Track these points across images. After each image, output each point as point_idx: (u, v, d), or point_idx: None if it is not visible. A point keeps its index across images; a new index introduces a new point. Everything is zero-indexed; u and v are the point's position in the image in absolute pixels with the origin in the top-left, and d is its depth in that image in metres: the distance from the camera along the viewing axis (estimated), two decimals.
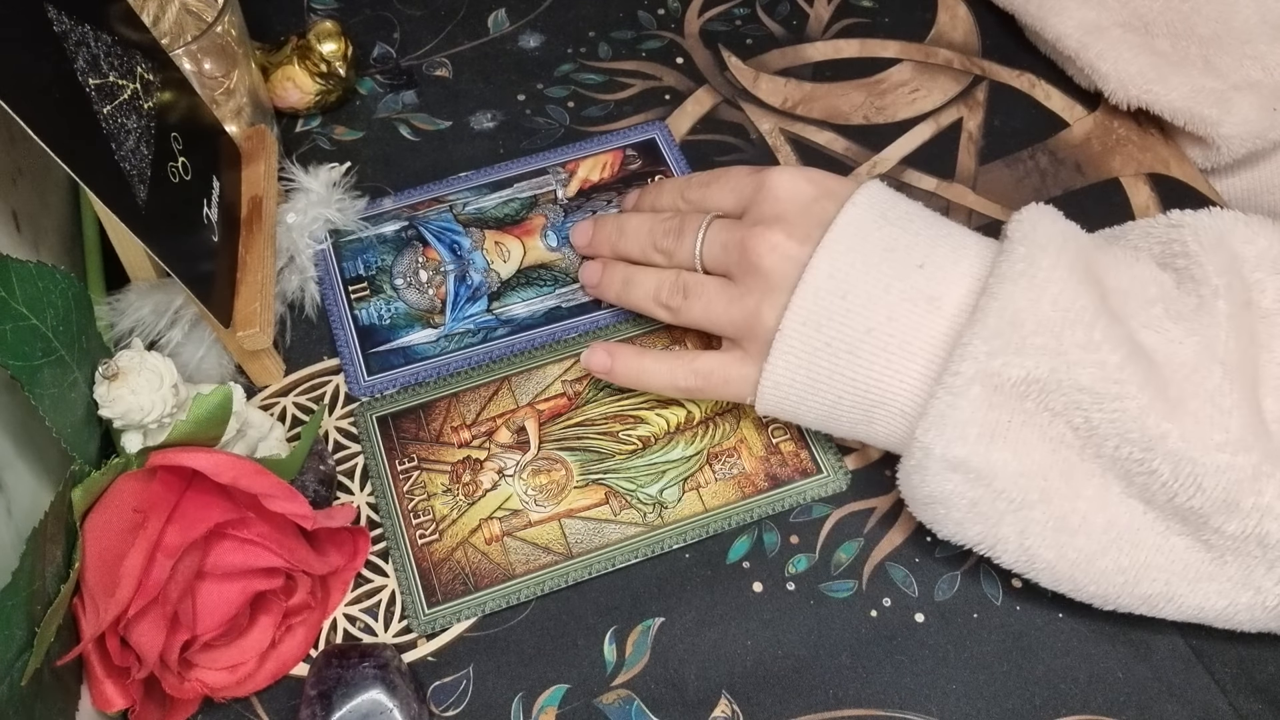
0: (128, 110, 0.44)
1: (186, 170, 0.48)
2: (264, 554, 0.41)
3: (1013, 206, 0.58)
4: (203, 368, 0.51)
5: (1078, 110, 0.63)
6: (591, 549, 0.47)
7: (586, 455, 0.50)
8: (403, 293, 0.55)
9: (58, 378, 0.41)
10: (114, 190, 0.42)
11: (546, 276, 0.56)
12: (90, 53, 0.42)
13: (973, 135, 0.62)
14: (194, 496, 0.41)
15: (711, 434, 0.51)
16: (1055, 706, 0.44)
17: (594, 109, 0.63)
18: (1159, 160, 0.60)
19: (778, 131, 0.62)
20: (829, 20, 0.67)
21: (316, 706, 0.41)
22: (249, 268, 0.50)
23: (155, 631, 0.39)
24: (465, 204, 0.59)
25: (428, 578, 0.47)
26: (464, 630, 0.46)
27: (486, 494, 0.49)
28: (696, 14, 0.67)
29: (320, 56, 0.60)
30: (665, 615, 0.46)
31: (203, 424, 0.42)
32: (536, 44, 0.66)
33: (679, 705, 0.44)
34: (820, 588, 0.47)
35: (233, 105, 0.57)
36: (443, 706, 0.44)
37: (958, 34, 0.66)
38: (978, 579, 0.47)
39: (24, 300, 0.40)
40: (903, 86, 0.64)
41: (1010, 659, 0.45)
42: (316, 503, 0.47)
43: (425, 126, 0.62)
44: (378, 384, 0.52)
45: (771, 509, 0.48)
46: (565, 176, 0.60)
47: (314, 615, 0.45)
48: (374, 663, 0.42)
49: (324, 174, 0.56)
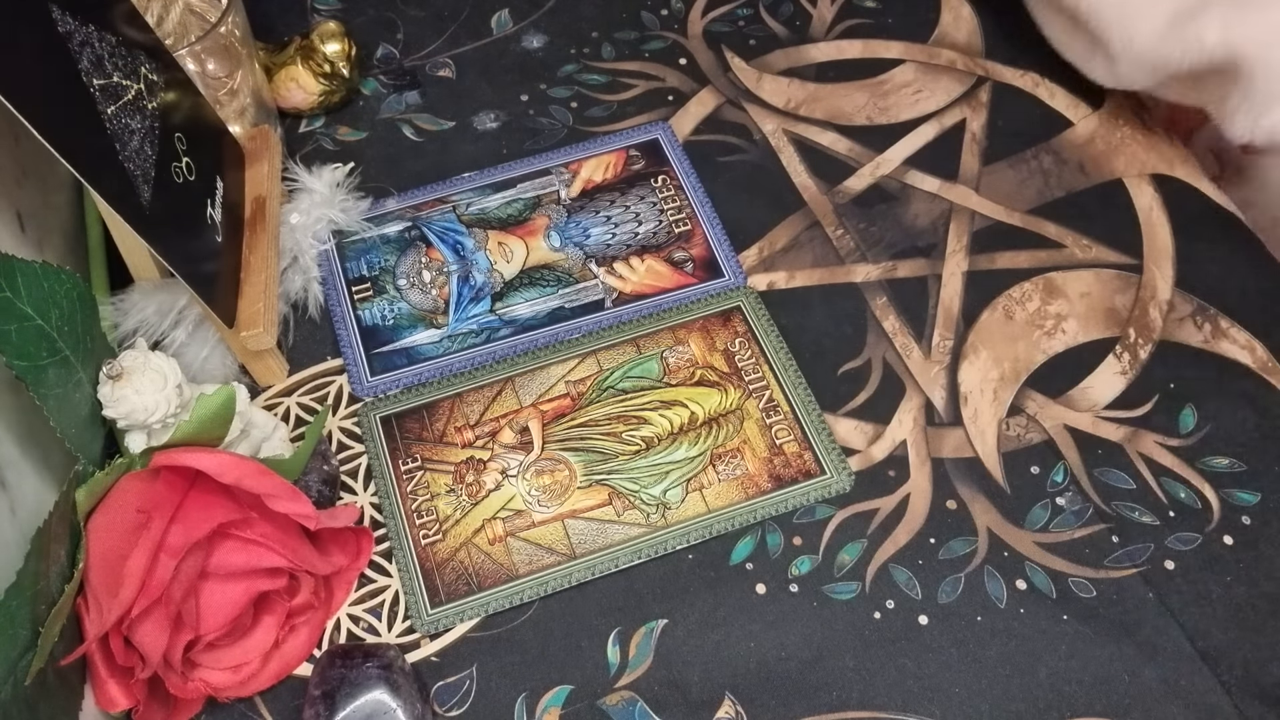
0: (132, 111, 0.44)
1: (190, 171, 0.48)
2: (267, 554, 0.41)
3: (1016, 207, 0.59)
4: (206, 368, 0.51)
5: (1082, 109, 0.62)
6: (595, 550, 0.47)
7: (590, 456, 0.50)
8: (406, 293, 0.55)
9: (62, 378, 0.41)
10: (118, 191, 0.42)
11: (550, 277, 0.56)
12: (94, 53, 0.42)
13: (976, 136, 0.62)
14: (197, 497, 0.41)
15: (715, 435, 0.51)
16: (1060, 709, 0.44)
17: (597, 109, 0.63)
18: (1163, 160, 0.60)
19: (781, 132, 0.62)
20: (832, 21, 0.67)
21: (320, 706, 0.41)
22: (252, 268, 0.51)
23: (159, 631, 0.39)
24: (468, 204, 0.59)
25: (431, 578, 0.47)
26: (467, 630, 0.46)
27: (490, 494, 0.49)
28: (700, 15, 0.67)
29: (324, 57, 0.60)
30: (668, 616, 0.46)
31: (206, 424, 0.42)
32: (540, 44, 0.66)
33: (682, 706, 0.44)
34: (824, 589, 0.47)
35: (236, 106, 0.57)
36: (446, 707, 0.44)
37: (961, 34, 0.66)
38: (982, 581, 0.47)
39: (29, 300, 0.40)
40: (906, 87, 0.64)
41: (1014, 662, 0.45)
42: (320, 503, 0.47)
43: (428, 127, 0.62)
44: (381, 384, 0.52)
45: (775, 510, 0.48)
46: (568, 177, 0.60)
47: (317, 615, 0.45)
48: (377, 663, 0.42)
49: (327, 174, 0.56)
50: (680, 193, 0.59)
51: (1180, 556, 0.48)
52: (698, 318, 0.54)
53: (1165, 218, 0.58)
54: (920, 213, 0.58)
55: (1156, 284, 0.56)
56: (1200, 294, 0.55)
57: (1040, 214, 0.58)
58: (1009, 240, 0.57)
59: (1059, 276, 0.56)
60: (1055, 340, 0.54)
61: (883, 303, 0.55)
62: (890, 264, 0.57)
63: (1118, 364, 0.53)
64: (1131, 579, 0.47)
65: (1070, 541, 0.48)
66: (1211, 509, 0.49)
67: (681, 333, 0.54)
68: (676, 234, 0.57)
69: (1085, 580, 0.47)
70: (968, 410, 0.52)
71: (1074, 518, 0.49)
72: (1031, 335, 0.54)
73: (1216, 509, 0.49)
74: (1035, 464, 0.50)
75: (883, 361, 0.54)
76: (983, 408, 0.52)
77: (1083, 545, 0.48)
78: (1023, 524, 0.49)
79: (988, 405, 0.52)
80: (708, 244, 0.57)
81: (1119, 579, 0.47)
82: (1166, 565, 0.47)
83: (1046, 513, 0.49)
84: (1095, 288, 0.56)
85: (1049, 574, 0.47)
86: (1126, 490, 0.49)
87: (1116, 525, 0.49)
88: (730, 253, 0.57)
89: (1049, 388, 0.52)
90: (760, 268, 0.57)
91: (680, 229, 0.58)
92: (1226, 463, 0.50)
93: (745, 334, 0.54)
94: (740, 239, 0.57)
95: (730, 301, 0.55)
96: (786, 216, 0.58)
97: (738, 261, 0.56)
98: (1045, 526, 0.49)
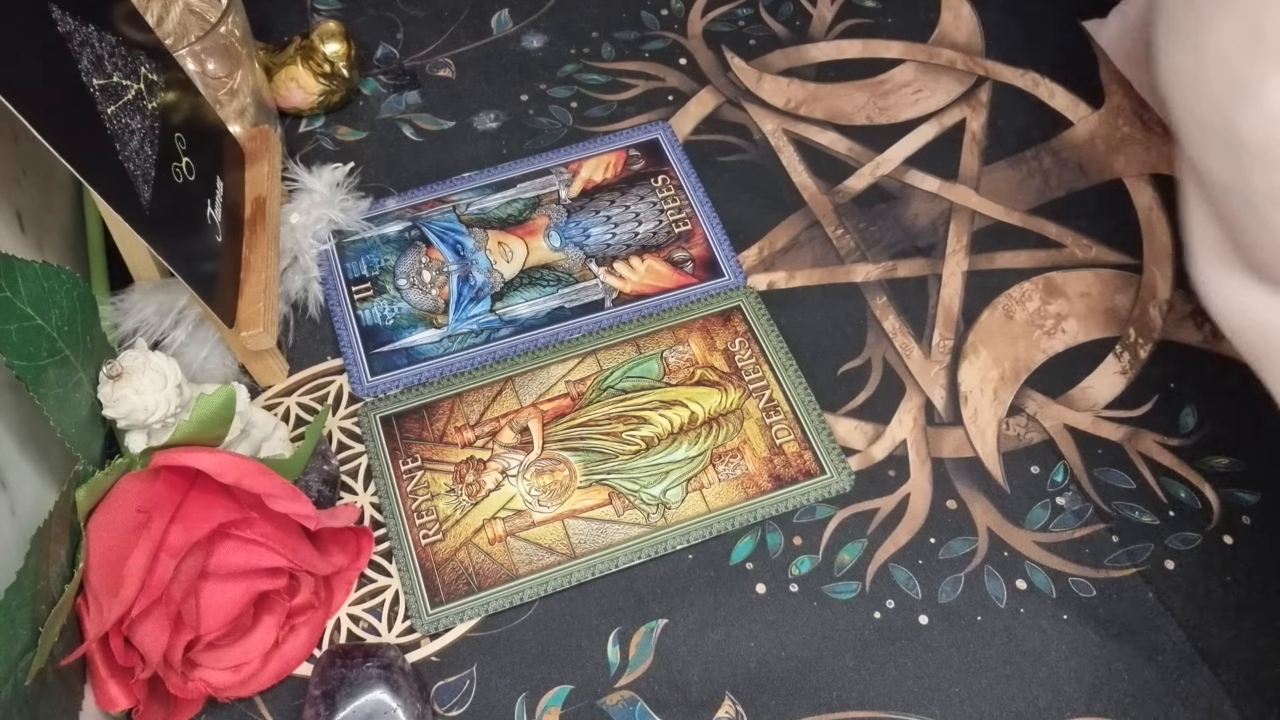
0: (132, 111, 0.44)
1: (190, 171, 0.48)
2: (267, 554, 0.41)
3: (1016, 207, 0.59)
4: (206, 368, 0.51)
5: (1082, 108, 0.63)
6: (595, 549, 0.47)
7: (590, 455, 0.50)
8: (406, 293, 0.55)
9: (62, 378, 0.41)
10: (118, 190, 0.42)
11: (550, 277, 0.56)
12: (94, 53, 0.42)
13: (976, 136, 0.62)
14: (197, 496, 0.41)
15: (715, 435, 0.51)
16: (1060, 709, 0.44)
17: (597, 109, 0.63)
18: (1163, 160, 0.60)
19: (780, 132, 0.62)
20: (832, 21, 0.67)
21: (320, 706, 0.41)
22: (252, 268, 0.50)
23: (159, 631, 0.39)
24: (468, 204, 0.59)
25: (431, 578, 0.47)
26: (467, 630, 0.46)
27: (490, 494, 0.49)
28: (699, 14, 0.67)
29: (324, 57, 0.60)
30: (668, 616, 0.46)
31: (206, 424, 0.42)
32: (539, 44, 0.66)
33: (682, 706, 0.44)
34: (824, 589, 0.47)
35: (236, 106, 0.57)
36: (446, 706, 0.44)
37: (961, 34, 0.66)
38: (982, 581, 0.47)
39: (29, 300, 0.40)
40: (906, 87, 0.64)
41: (1014, 662, 0.45)
42: (320, 503, 0.47)
43: (428, 127, 0.62)
44: (381, 384, 0.52)
45: (775, 510, 0.48)
46: (568, 177, 0.60)
47: (317, 615, 0.45)
48: (378, 663, 0.42)
49: (327, 174, 0.56)
50: (680, 192, 0.59)
51: (1180, 556, 0.48)
52: (698, 317, 0.54)
53: (1165, 217, 0.58)
54: (920, 212, 0.58)
55: (1156, 284, 0.56)
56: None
57: (1040, 214, 0.58)
58: (1009, 240, 0.57)
59: (1059, 276, 0.56)
60: (1055, 340, 0.54)
61: (883, 302, 0.55)
62: (890, 264, 0.57)
63: (1118, 364, 0.53)
64: (1131, 579, 0.47)
65: (1070, 541, 0.48)
66: (1211, 508, 0.49)
67: (681, 332, 0.54)
68: (676, 234, 0.57)
69: (1085, 580, 0.47)
70: (968, 410, 0.52)
71: (1074, 517, 0.49)
72: (1031, 335, 0.54)
73: (1216, 508, 0.49)
74: (1035, 464, 0.50)
75: (883, 361, 0.54)
76: (983, 407, 0.52)
77: (1083, 545, 0.48)
78: (1023, 524, 0.49)
79: (988, 405, 0.52)
80: (708, 244, 0.57)
81: (1119, 579, 0.47)
82: (1166, 565, 0.47)
83: (1046, 512, 0.49)
84: (1095, 287, 0.56)
85: (1049, 574, 0.47)
86: (1126, 490, 0.49)
87: (1116, 525, 0.49)
88: (730, 252, 0.57)
89: (1049, 387, 0.52)
90: (760, 267, 0.57)
91: (680, 229, 0.58)
92: (1226, 462, 0.50)
93: (745, 334, 0.54)
94: (740, 239, 0.57)
95: (730, 301, 0.55)
96: (786, 216, 0.58)
97: (738, 261, 0.56)
98: (1045, 526, 0.49)
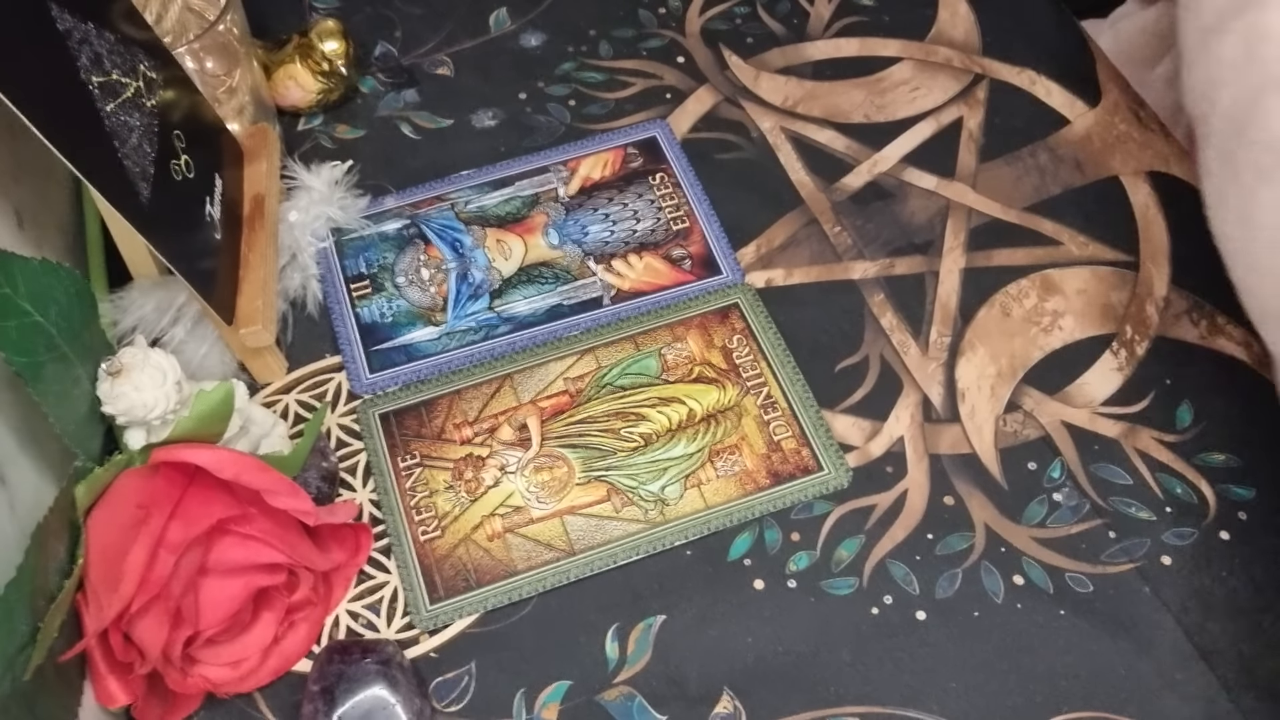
0: (130, 108, 0.44)
1: (189, 168, 0.48)
2: (266, 550, 0.41)
3: (1013, 205, 0.59)
4: (205, 365, 0.51)
5: (1078, 106, 0.63)
6: (593, 546, 0.48)
7: (588, 452, 0.50)
8: (404, 290, 0.55)
9: (61, 374, 0.41)
10: (117, 188, 0.42)
11: (548, 274, 0.56)
12: (93, 51, 0.42)
13: (973, 133, 0.62)
14: (196, 493, 0.41)
15: (713, 431, 0.51)
16: (1057, 703, 0.44)
17: (595, 107, 0.63)
18: (1159, 158, 0.60)
19: (778, 130, 0.62)
20: (829, 19, 0.67)
21: (319, 702, 0.41)
22: (251, 265, 0.51)
23: (158, 627, 0.39)
24: (467, 202, 0.59)
25: (430, 574, 0.47)
26: (466, 626, 0.46)
27: (488, 491, 0.49)
28: (697, 12, 0.68)
29: (322, 55, 0.60)
30: (667, 612, 0.46)
31: (205, 421, 0.42)
32: (537, 42, 0.66)
33: (681, 702, 0.44)
34: (821, 585, 0.47)
35: (235, 103, 0.57)
36: (445, 702, 0.44)
37: (958, 32, 0.66)
38: (979, 577, 0.47)
39: (28, 297, 0.40)
40: (903, 85, 0.64)
41: (1011, 656, 0.45)
42: (319, 499, 0.47)
43: (427, 125, 0.63)
44: (380, 381, 0.52)
45: (773, 506, 0.49)
46: (566, 174, 0.60)
47: (316, 611, 0.45)
48: (376, 659, 0.42)
49: (326, 172, 0.56)
50: (678, 190, 0.59)
51: (1177, 551, 0.48)
52: (696, 315, 0.54)
53: (1161, 215, 0.58)
54: (917, 210, 0.59)
55: (1153, 280, 0.56)
56: (1196, 290, 0.55)
57: (1037, 211, 0.59)
58: (1006, 237, 0.58)
59: (1056, 273, 0.56)
60: (1052, 337, 0.54)
61: (880, 299, 0.56)
62: (887, 261, 0.57)
63: (1114, 360, 0.53)
64: (1128, 574, 0.47)
65: (1067, 537, 0.48)
66: (1208, 504, 0.49)
67: (679, 329, 0.54)
68: (674, 231, 0.57)
69: (1082, 575, 0.47)
70: (965, 406, 0.52)
71: (1071, 513, 0.49)
72: (1028, 332, 0.54)
73: (1213, 504, 0.49)
74: (1032, 460, 0.50)
75: (880, 358, 0.54)
76: (980, 404, 0.52)
77: (1079, 540, 0.48)
78: (1020, 519, 0.49)
79: (985, 401, 0.52)
80: (705, 241, 0.57)
81: (1116, 574, 0.47)
82: (1163, 560, 0.48)
83: (1043, 508, 0.49)
84: (1092, 284, 0.56)
85: (1046, 569, 0.47)
86: (1123, 486, 0.50)
87: (1113, 521, 0.49)
88: (728, 250, 0.57)
89: (1046, 384, 0.53)
90: (758, 265, 0.57)
91: (678, 226, 0.58)
92: (1223, 458, 0.50)
93: (743, 331, 0.54)
94: (738, 236, 0.58)
95: (728, 298, 0.55)
96: (784, 214, 0.59)
97: (735, 259, 0.57)
98: (1042, 522, 0.49)
